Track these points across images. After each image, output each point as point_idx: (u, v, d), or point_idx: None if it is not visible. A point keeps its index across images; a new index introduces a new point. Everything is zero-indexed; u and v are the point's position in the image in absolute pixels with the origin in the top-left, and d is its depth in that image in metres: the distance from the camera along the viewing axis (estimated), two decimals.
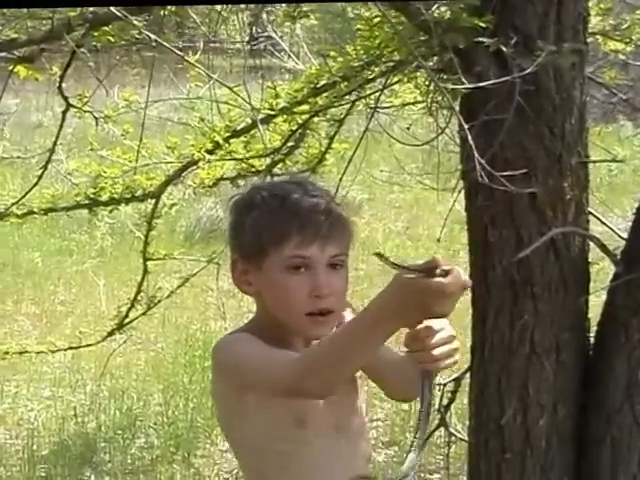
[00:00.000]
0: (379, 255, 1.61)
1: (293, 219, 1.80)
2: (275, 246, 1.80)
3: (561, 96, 2.32)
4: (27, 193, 3.19)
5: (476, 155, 1.92)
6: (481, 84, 2.16)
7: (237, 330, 1.92)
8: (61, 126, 3.07)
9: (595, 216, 2.58)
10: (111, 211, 3.43)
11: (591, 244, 2.53)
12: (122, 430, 4.87)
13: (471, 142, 2.01)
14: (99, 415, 5.01)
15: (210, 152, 3.21)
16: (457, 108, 2.33)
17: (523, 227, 2.36)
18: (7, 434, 4.89)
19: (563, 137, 2.35)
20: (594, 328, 2.58)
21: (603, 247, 2.44)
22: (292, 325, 1.83)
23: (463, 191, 2.54)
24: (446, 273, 1.55)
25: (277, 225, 1.81)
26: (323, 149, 3.54)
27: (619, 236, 2.60)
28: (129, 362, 5.61)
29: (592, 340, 2.57)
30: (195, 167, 3.42)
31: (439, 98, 2.52)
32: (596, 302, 2.57)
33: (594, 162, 2.47)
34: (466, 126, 2.07)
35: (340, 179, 3.73)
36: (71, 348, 4.45)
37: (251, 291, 1.88)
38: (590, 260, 2.55)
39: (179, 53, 2.87)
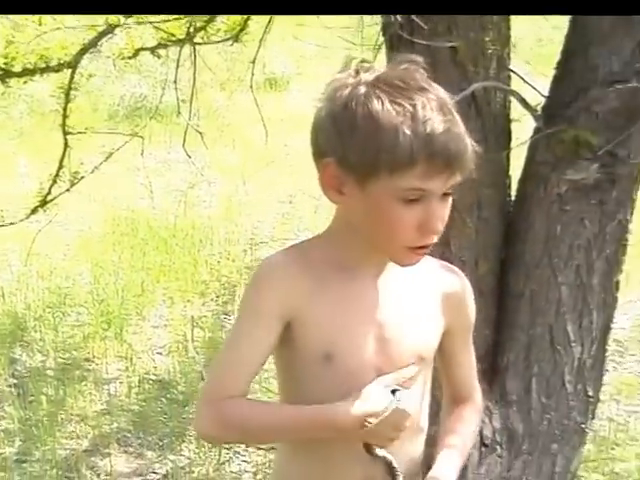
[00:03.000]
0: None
1: (423, 145, 1.46)
2: (393, 172, 1.48)
3: None
4: None
5: None
6: None
7: (289, 249, 1.66)
8: None
9: (516, 73, 2.56)
10: (25, 82, 3.32)
11: (513, 101, 2.52)
12: (52, 308, 4.86)
13: None
14: (27, 294, 4.99)
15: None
16: None
17: (444, 82, 2.29)
18: None
19: None
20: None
21: (524, 102, 2.44)
22: (386, 252, 1.60)
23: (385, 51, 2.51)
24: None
25: (402, 149, 1.46)
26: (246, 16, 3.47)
27: (540, 94, 2.60)
28: (56, 242, 5.55)
29: (513, 196, 2.60)
30: (111, 35, 3.32)
31: None
32: (519, 163, 2.59)
33: (515, 14, 2.44)
34: None
35: (259, 46, 3.69)
36: None
37: (339, 200, 1.56)
38: (511, 117, 2.55)
39: None
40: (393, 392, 1.55)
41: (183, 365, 4.36)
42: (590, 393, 2.66)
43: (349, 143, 1.50)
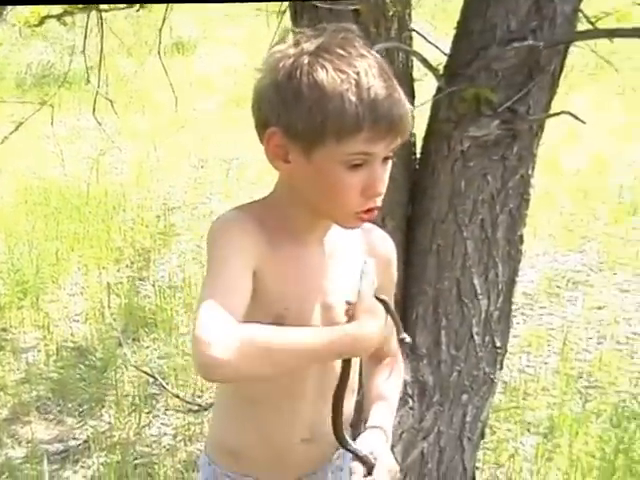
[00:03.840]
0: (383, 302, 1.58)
1: (368, 111, 1.50)
2: (340, 139, 1.52)
3: None
4: None
5: None
6: None
7: (241, 207, 1.64)
8: None
9: (418, 33, 2.61)
10: None
11: (415, 61, 2.57)
12: None
13: None
14: None
15: None
16: None
17: None
18: None
19: None
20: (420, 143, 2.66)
21: (425, 62, 2.49)
22: (332, 217, 1.64)
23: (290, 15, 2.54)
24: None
25: (349, 116, 1.50)
26: None
27: (442, 52, 2.65)
28: None
29: (418, 154, 2.65)
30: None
31: None
32: (423, 120, 2.64)
33: None
34: None
35: (165, 15, 3.68)
36: None
37: (284, 169, 1.59)
38: (414, 77, 2.60)
39: None
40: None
41: (100, 332, 4.37)
42: (498, 344, 2.73)
43: (295, 112, 1.52)
